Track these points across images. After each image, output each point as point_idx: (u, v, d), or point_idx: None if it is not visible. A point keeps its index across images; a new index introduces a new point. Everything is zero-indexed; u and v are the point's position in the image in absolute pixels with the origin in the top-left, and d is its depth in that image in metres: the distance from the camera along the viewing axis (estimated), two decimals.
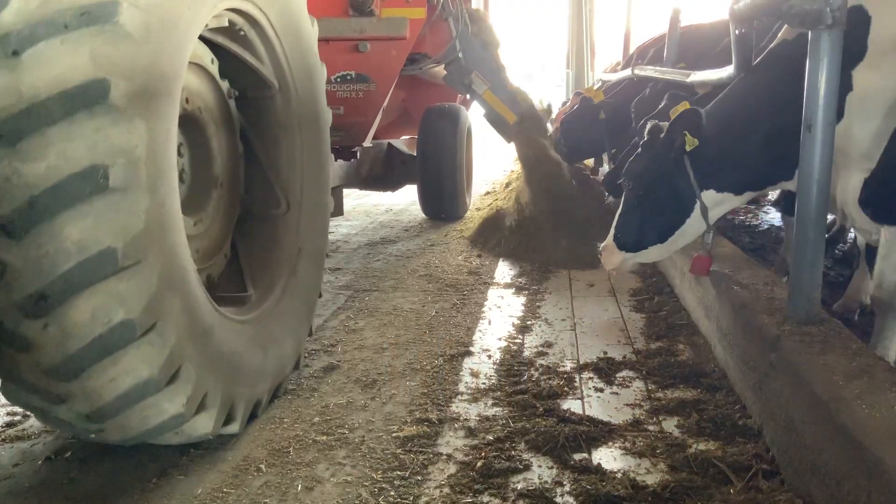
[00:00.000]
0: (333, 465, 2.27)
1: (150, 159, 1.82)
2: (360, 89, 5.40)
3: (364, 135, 5.51)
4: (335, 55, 5.25)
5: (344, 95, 5.40)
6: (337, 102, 5.20)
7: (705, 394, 2.73)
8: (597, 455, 2.30)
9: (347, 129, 5.43)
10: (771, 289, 2.82)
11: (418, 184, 6.94)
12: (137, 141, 1.77)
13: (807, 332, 2.24)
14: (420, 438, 2.43)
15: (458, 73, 6.22)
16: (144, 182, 1.80)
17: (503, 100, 6.28)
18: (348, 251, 5.88)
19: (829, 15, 2.09)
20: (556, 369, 3.07)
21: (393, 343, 3.48)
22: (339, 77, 5.36)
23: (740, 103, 2.73)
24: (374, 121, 5.47)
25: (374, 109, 5.48)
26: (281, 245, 2.89)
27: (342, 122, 5.23)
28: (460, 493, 2.07)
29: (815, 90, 2.19)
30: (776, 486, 1.99)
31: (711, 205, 2.83)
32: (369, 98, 5.44)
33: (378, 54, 5.37)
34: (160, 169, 1.87)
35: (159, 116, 1.86)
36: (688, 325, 3.59)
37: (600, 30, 15.81)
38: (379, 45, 5.36)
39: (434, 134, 6.73)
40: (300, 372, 3.08)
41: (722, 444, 2.31)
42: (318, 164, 3.08)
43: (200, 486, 2.15)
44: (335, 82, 5.33)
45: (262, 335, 2.57)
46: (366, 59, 5.36)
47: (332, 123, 4.45)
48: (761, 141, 2.64)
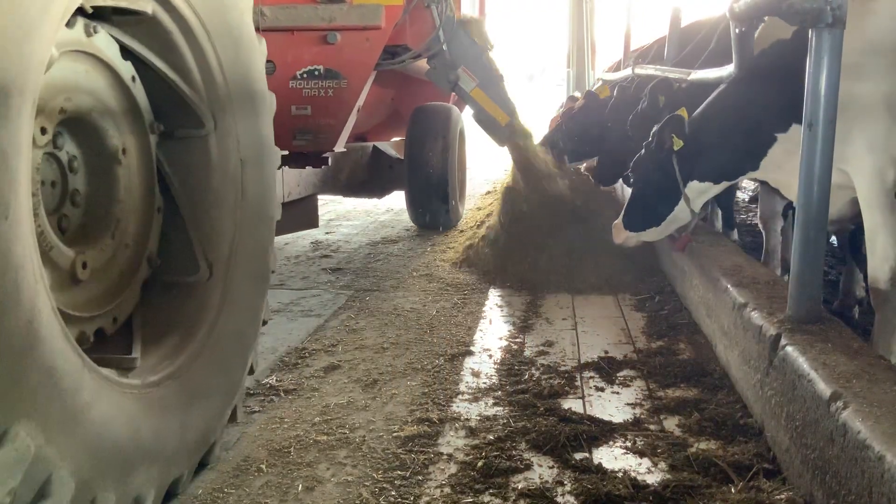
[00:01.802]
0: (334, 465, 2.27)
1: None
2: (329, 86, 4.72)
3: (335, 138, 4.82)
4: (300, 48, 4.66)
5: (311, 94, 4.72)
6: (303, 101, 4.66)
7: (706, 393, 2.73)
8: (598, 454, 2.30)
9: (316, 132, 4.76)
10: (772, 288, 2.82)
11: (406, 190, 6.46)
12: None
13: (807, 331, 2.24)
14: (421, 438, 2.42)
15: (442, 68, 5.40)
16: None
17: (494, 99, 5.52)
18: (349, 251, 5.88)
19: (830, 13, 2.09)
20: (556, 368, 3.07)
21: (394, 343, 3.48)
22: (306, 72, 4.70)
23: (715, 108, 3.14)
24: (346, 122, 4.80)
25: (345, 109, 4.78)
26: (195, 311, 2.20)
27: (309, 124, 4.71)
28: (461, 492, 2.07)
29: (816, 89, 2.19)
30: (777, 486, 1.98)
31: (696, 194, 3.31)
32: (340, 96, 4.74)
33: (349, 46, 4.70)
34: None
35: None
36: (689, 324, 3.59)
37: (601, 29, 15.82)
38: (350, 36, 4.70)
39: (422, 136, 6.26)
40: (301, 372, 3.08)
41: (723, 443, 2.31)
42: (258, 217, 2.40)
43: (201, 486, 2.15)
44: (301, 78, 4.68)
45: (175, 400, 1.98)
46: (336, 52, 4.69)
47: (298, 126, 3.99)
48: (731, 141, 3.08)
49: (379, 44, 4.79)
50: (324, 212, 7.81)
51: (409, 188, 6.40)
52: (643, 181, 3.54)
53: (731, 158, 3.15)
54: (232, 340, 2.29)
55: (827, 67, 2.16)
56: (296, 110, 4.59)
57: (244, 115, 2.29)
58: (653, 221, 3.53)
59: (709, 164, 3.21)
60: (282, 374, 3.06)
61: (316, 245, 6.20)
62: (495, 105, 5.51)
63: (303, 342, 3.51)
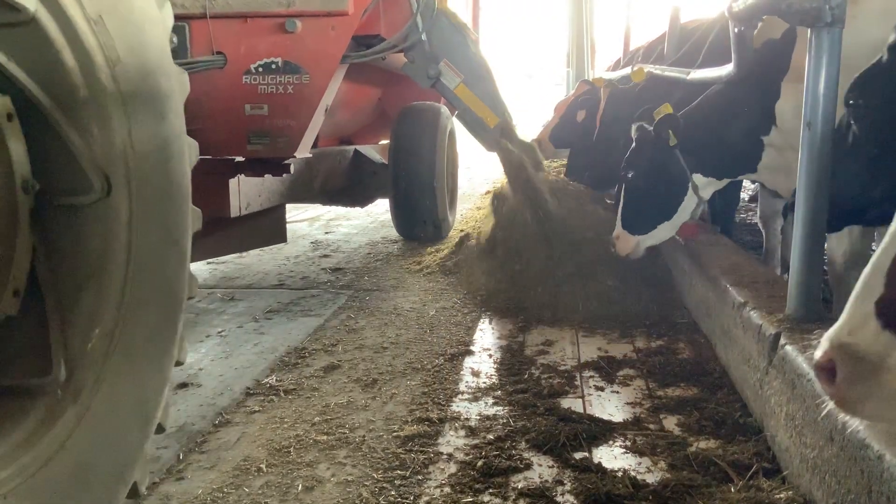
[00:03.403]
0: (334, 464, 2.27)
1: None
2: (289, 82, 4.04)
3: (296, 141, 4.09)
4: (255, 37, 4.03)
5: (268, 91, 4.04)
6: (259, 100, 4.01)
7: (706, 392, 2.73)
8: (597, 454, 2.30)
9: (274, 136, 4.07)
10: (771, 287, 2.82)
11: (390, 198, 5.92)
12: None
13: (807, 330, 2.24)
14: (421, 438, 2.43)
15: (421, 62, 4.58)
16: None
17: (482, 97, 4.72)
18: (349, 251, 5.89)
19: (829, 13, 2.09)
20: (556, 368, 3.07)
21: (393, 342, 3.48)
22: (262, 66, 4.03)
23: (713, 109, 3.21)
24: (308, 123, 4.11)
25: (308, 108, 4.07)
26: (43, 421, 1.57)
27: (266, 126, 4.04)
28: (461, 492, 2.07)
29: (815, 88, 2.19)
30: (777, 485, 1.98)
31: (700, 186, 3.35)
32: (302, 93, 4.04)
33: (312, 35, 4.03)
34: None
35: None
36: (688, 323, 3.59)
37: (600, 28, 15.80)
38: (313, 24, 4.03)
39: (408, 139, 5.73)
40: (301, 371, 3.08)
41: (722, 442, 2.31)
42: (159, 318, 1.74)
43: (201, 486, 2.15)
44: (256, 73, 4.03)
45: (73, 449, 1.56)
46: (296, 42, 4.04)
47: (254, 128, 3.73)
48: (728, 144, 3.16)
49: (346, 32, 4.13)
50: (323, 211, 7.82)
51: (393, 196, 5.88)
52: (644, 177, 3.45)
53: (729, 160, 3.22)
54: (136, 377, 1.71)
55: (826, 67, 2.16)
56: (250, 110, 4.04)
57: (152, 170, 1.65)
58: (662, 216, 3.46)
59: (709, 164, 3.28)
60: (282, 374, 3.06)
61: (316, 245, 6.21)
62: (483, 104, 4.77)
63: (303, 342, 3.51)
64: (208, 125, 3.86)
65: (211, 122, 3.89)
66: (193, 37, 3.89)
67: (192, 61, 3.78)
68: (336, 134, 6.31)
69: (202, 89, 3.79)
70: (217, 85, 3.92)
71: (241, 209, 4.14)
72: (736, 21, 2.69)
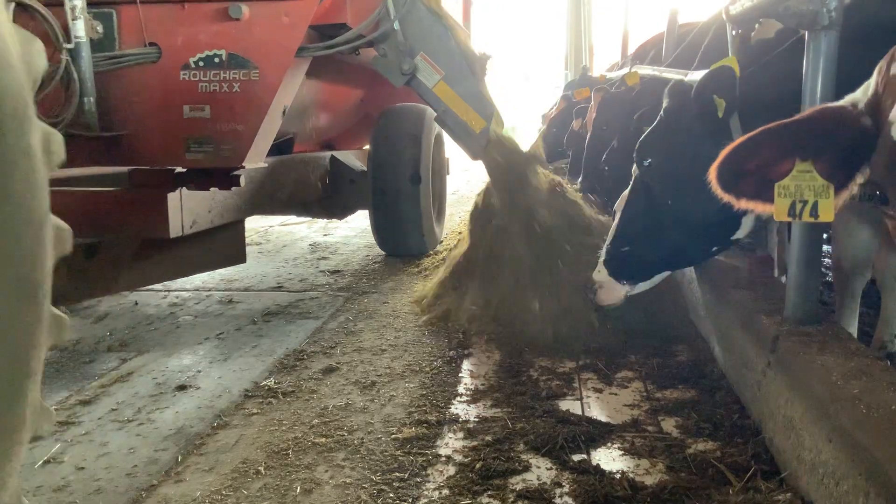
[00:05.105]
0: (332, 467, 2.27)
1: None
2: (234, 79, 3.40)
3: (244, 149, 3.43)
4: (195, 25, 3.38)
5: (210, 88, 3.41)
6: (199, 100, 3.39)
7: (704, 394, 2.73)
8: (596, 456, 2.30)
9: (218, 142, 3.41)
10: (769, 289, 2.82)
11: (369, 210, 5.42)
12: None
13: (805, 332, 2.24)
14: (419, 440, 2.43)
15: (394, 55, 3.85)
16: None
17: (466, 97, 3.98)
18: (347, 253, 5.89)
19: (826, 15, 2.10)
20: (554, 370, 3.07)
21: (392, 345, 3.48)
22: (202, 59, 3.40)
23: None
24: (259, 127, 3.42)
25: (258, 110, 3.42)
26: None
27: (209, 131, 3.39)
28: (459, 494, 2.07)
29: (813, 90, 2.20)
30: (775, 487, 1.99)
31: None
32: (250, 92, 3.41)
33: (261, 24, 3.40)
34: None
35: None
36: (686, 325, 3.59)
37: (598, 31, 15.84)
38: (262, 10, 3.42)
39: (388, 144, 5.22)
40: (299, 374, 3.08)
41: (721, 444, 2.31)
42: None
43: (199, 488, 2.15)
44: (196, 68, 3.40)
45: None
46: (243, 32, 3.39)
47: (194, 132, 3.29)
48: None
49: (302, 20, 3.46)
50: None
51: (372, 208, 5.36)
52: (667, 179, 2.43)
53: None
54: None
55: (823, 69, 2.16)
56: (190, 111, 3.41)
57: None
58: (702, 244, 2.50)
59: None
60: (280, 377, 3.06)
61: (314, 247, 6.21)
62: (467, 105, 4.02)
63: (301, 344, 3.51)
64: (140, 130, 3.37)
65: (143, 127, 3.37)
66: (122, 25, 3.32)
67: (119, 55, 3.29)
68: (314, 139, 5.90)
69: (132, 88, 3.33)
70: (150, 83, 3.36)
71: (183, 228, 3.52)
72: (733, 24, 2.70)
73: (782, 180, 1.35)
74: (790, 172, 1.33)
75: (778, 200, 1.37)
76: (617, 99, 4.70)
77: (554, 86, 21.99)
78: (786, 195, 1.36)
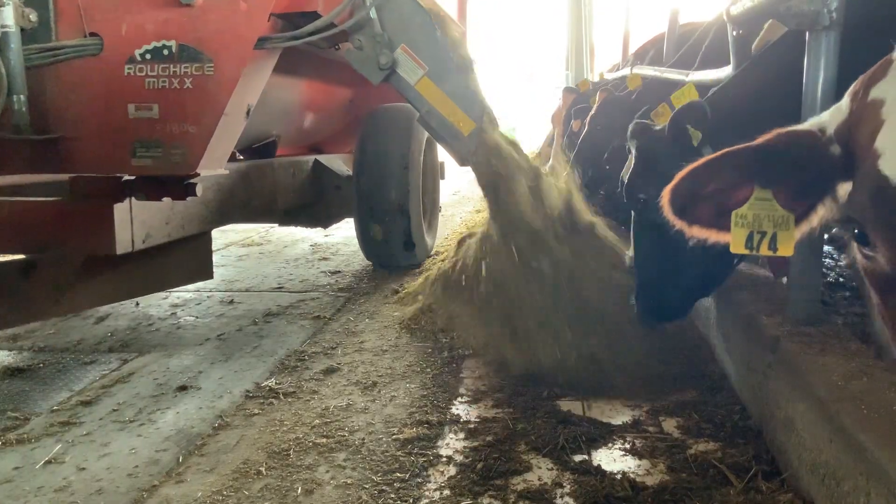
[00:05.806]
0: (333, 467, 2.27)
1: None
2: (186, 74, 2.96)
3: (198, 153, 2.96)
4: (142, 13, 2.97)
5: (158, 85, 2.95)
6: (146, 97, 2.95)
7: (705, 394, 2.73)
8: (597, 456, 2.30)
9: (168, 146, 2.96)
10: (770, 290, 2.82)
11: (355, 219, 5.02)
12: None
13: (806, 333, 2.24)
14: (420, 440, 2.43)
15: (370, 47, 3.37)
16: None
17: (453, 95, 3.49)
18: (348, 253, 5.89)
19: (827, 16, 2.10)
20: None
21: (393, 345, 3.48)
22: (150, 52, 2.97)
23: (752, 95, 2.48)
24: (214, 129, 2.96)
25: (213, 109, 2.97)
26: None
27: (157, 133, 2.95)
28: (460, 494, 2.07)
29: (814, 90, 2.20)
30: (776, 487, 1.99)
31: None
32: (204, 88, 2.95)
33: (216, 11, 2.97)
34: None
35: None
36: (688, 325, 3.59)
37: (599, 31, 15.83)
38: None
39: (375, 147, 4.85)
40: (300, 374, 3.08)
41: (722, 444, 2.31)
42: None
43: (200, 489, 2.15)
44: (142, 61, 2.95)
45: None
46: (195, 20, 2.97)
47: (141, 135, 2.92)
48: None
49: (263, 6, 3.06)
50: None
51: (357, 217, 4.98)
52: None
53: None
54: None
55: (824, 69, 2.17)
56: (136, 111, 2.97)
57: None
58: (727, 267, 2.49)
59: None
60: (281, 377, 3.06)
61: (315, 247, 6.21)
62: (454, 105, 3.52)
63: (302, 345, 3.51)
64: (79, 133, 2.93)
65: (83, 129, 2.93)
66: (60, 13, 2.93)
67: (55, 46, 2.89)
68: (300, 141, 5.62)
69: (70, 85, 2.92)
70: (90, 78, 2.93)
71: (133, 243, 3.16)
72: (734, 24, 2.70)
73: (740, 208, 1.24)
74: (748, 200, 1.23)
75: (735, 230, 1.25)
76: (617, 99, 4.69)
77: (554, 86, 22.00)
78: (743, 224, 1.24)
